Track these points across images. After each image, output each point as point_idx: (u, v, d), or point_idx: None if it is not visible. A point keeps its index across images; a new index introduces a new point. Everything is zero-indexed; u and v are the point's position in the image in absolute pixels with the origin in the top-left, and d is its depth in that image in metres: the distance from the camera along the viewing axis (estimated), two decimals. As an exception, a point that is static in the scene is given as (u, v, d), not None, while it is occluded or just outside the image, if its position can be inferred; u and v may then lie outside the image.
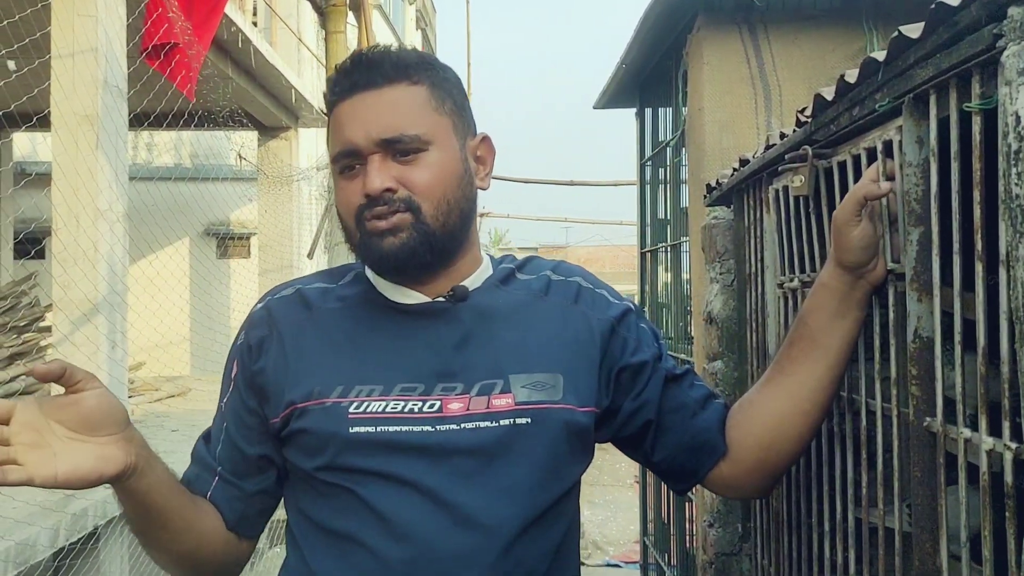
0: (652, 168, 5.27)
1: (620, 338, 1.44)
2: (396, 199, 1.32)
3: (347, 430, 1.31)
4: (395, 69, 1.35)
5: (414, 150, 1.33)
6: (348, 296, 1.43)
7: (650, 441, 1.48)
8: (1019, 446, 1.11)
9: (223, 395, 1.46)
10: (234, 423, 1.43)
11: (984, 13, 1.11)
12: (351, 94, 1.35)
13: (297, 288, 1.46)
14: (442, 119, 1.36)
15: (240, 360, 1.43)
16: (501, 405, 1.33)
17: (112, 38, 5.24)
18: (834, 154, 1.69)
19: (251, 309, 1.49)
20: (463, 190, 1.37)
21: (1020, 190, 1.02)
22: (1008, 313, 1.10)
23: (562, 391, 1.36)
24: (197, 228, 12.47)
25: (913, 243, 1.37)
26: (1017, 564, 1.10)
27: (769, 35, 3.50)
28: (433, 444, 1.31)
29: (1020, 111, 1.02)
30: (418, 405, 1.32)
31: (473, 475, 1.31)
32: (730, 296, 2.78)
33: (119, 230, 5.33)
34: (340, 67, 1.39)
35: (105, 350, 5.16)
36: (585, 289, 1.47)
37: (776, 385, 1.49)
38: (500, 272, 1.46)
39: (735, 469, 1.48)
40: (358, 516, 1.32)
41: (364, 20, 7.07)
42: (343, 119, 1.35)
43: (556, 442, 1.35)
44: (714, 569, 2.81)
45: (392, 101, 1.34)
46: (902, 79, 1.37)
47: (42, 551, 4.08)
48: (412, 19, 22.20)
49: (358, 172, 1.34)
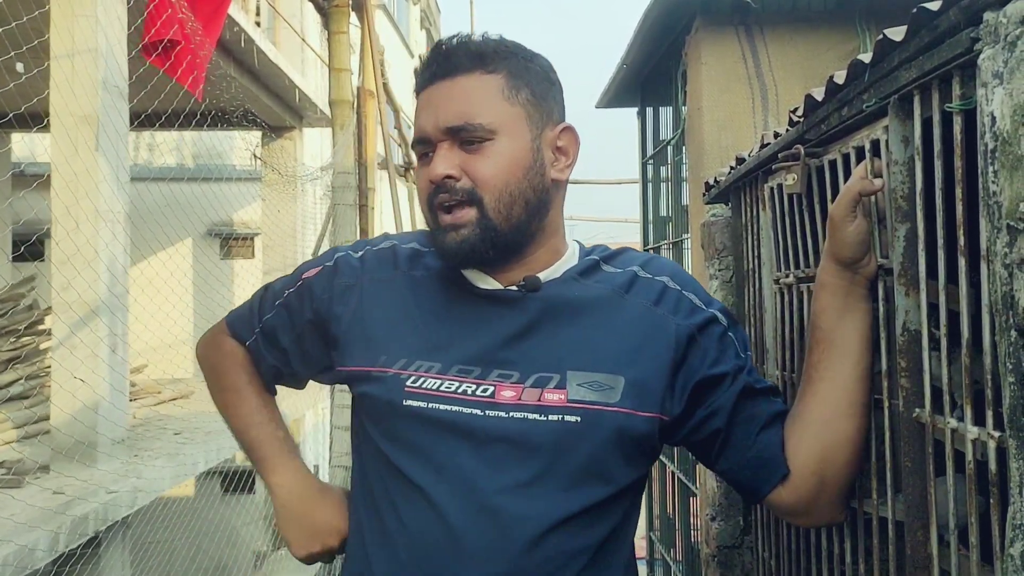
0: (654, 166, 5.30)
1: (700, 348, 1.40)
2: (459, 188, 1.33)
3: (401, 402, 1.34)
4: (470, 58, 1.36)
5: (479, 139, 1.33)
6: (433, 267, 1.45)
7: (716, 451, 1.45)
8: (1001, 435, 1.12)
9: (287, 287, 1.55)
10: (284, 316, 1.54)
11: (962, 18, 1.13)
12: (429, 83, 1.38)
13: (393, 244, 1.51)
14: (513, 108, 1.36)
15: (320, 290, 1.50)
16: (553, 400, 1.32)
17: (112, 38, 5.18)
18: (825, 153, 1.72)
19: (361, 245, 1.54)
20: (530, 180, 1.36)
21: (997, 187, 1.05)
22: (989, 306, 1.12)
23: (620, 394, 1.33)
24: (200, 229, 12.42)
25: (900, 239, 1.40)
26: (1001, 548, 1.13)
27: (765, 36, 3.53)
28: (478, 428, 1.31)
29: (995, 112, 1.05)
30: (471, 388, 1.33)
31: (511, 465, 1.30)
32: (729, 292, 2.81)
33: (119, 231, 5.29)
34: (423, 58, 1.41)
35: (105, 353, 5.11)
36: (671, 291, 1.43)
37: (811, 395, 1.45)
38: (584, 263, 1.45)
39: (798, 491, 1.43)
40: (399, 486, 1.36)
41: (366, 21, 7.08)
42: (419, 107, 1.39)
43: (605, 445, 1.33)
44: (717, 562, 2.84)
45: (462, 90, 1.35)
46: (887, 80, 1.39)
47: (42, 557, 4.01)
48: (416, 19, 22.16)
49: (430, 159, 1.36)
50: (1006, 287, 1.06)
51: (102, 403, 5.12)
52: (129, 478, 5.00)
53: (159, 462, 5.50)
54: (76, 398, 4.98)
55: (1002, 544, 1.12)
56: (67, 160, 4.95)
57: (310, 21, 11.19)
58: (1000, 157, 1.05)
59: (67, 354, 5.02)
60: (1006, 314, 1.06)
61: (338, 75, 6.80)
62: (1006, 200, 1.04)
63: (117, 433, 5.29)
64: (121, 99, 5.36)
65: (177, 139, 12.96)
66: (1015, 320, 1.04)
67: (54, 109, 4.97)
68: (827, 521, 1.52)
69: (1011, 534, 1.06)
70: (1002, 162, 1.05)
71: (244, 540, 8.57)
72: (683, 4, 3.66)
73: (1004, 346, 1.07)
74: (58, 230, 4.96)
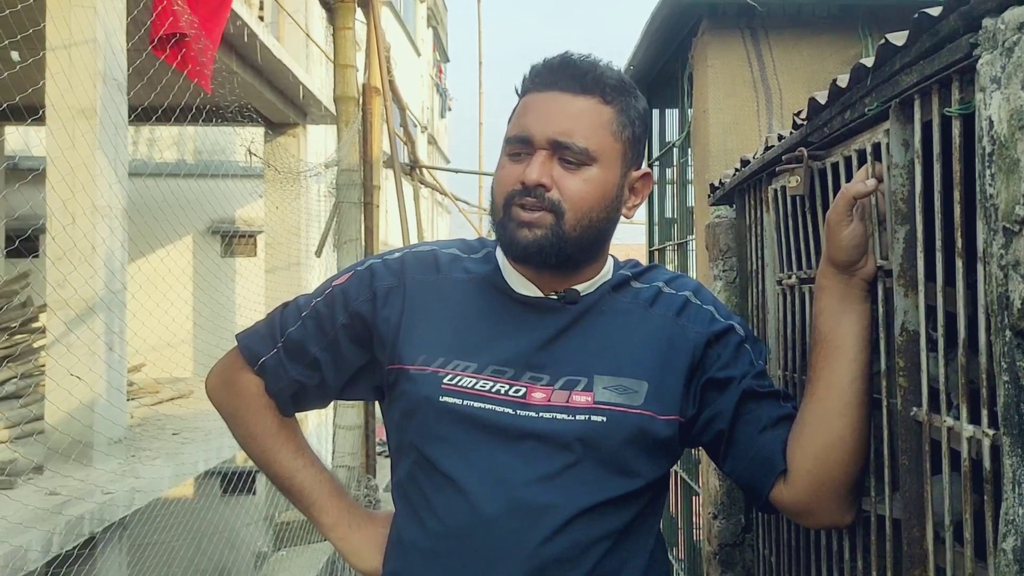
0: (660, 168, 5.31)
1: (715, 353, 1.48)
2: (547, 197, 1.39)
3: (438, 398, 1.41)
4: (595, 83, 1.42)
5: (579, 161, 1.40)
6: (473, 271, 1.52)
7: (723, 452, 1.51)
8: (996, 433, 1.14)
9: (312, 299, 1.58)
10: (312, 326, 1.56)
11: (962, 23, 1.16)
12: (547, 89, 1.42)
13: (433, 248, 1.56)
14: (616, 144, 1.43)
15: (356, 292, 1.53)
16: (581, 402, 1.40)
17: (111, 31, 5.13)
18: (828, 155, 1.73)
19: (391, 252, 1.59)
20: (607, 212, 1.44)
21: (993, 190, 1.07)
22: (985, 307, 1.14)
23: (644, 398, 1.42)
24: (201, 225, 12.38)
25: (899, 240, 1.42)
26: (994, 544, 1.15)
27: (770, 40, 3.55)
28: (509, 426, 1.39)
29: (993, 116, 1.07)
30: (505, 388, 1.41)
31: (540, 459, 1.38)
32: (732, 293, 2.83)
33: (118, 227, 5.26)
34: (547, 60, 1.46)
35: (102, 351, 5.09)
36: (692, 304, 1.52)
37: (809, 395, 1.50)
38: (617, 278, 1.53)
39: (795, 489, 1.47)
40: (432, 478, 1.43)
41: (373, 17, 7.07)
42: (530, 107, 1.43)
43: (628, 444, 1.41)
44: (718, 560, 2.86)
45: (579, 110, 1.40)
46: (889, 84, 1.42)
47: (35, 559, 3.99)
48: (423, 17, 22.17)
49: (523, 159, 1.41)
50: (1001, 288, 1.07)
51: (99, 402, 5.07)
52: (127, 478, 4.96)
53: (158, 462, 5.47)
54: (72, 396, 4.93)
55: (995, 540, 1.13)
56: (64, 153, 4.90)
57: (315, 16, 11.17)
58: (997, 160, 1.07)
59: (63, 351, 4.99)
60: (1001, 315, 1.08)
61: (343, 71, 6.80)
62: (1002, 203, 1.06)
63: (115, 432, 5.25)
64: (119, 92, 5.29)
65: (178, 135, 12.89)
66: (1010, 320, 1.06)
67: (51, 102, 4.92)
68: (831, 522, 1.53)
69: (1004, 529, 1.07)
70: (999, 165, 1.06)
71: (244, 541, 8.55)
72: (690, 7, 3.67)
73: (999, 346, 1.09)
74: (54, 225, 4.91)
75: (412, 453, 1.46)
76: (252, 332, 1.65)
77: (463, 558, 1.38)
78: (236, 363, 1.65)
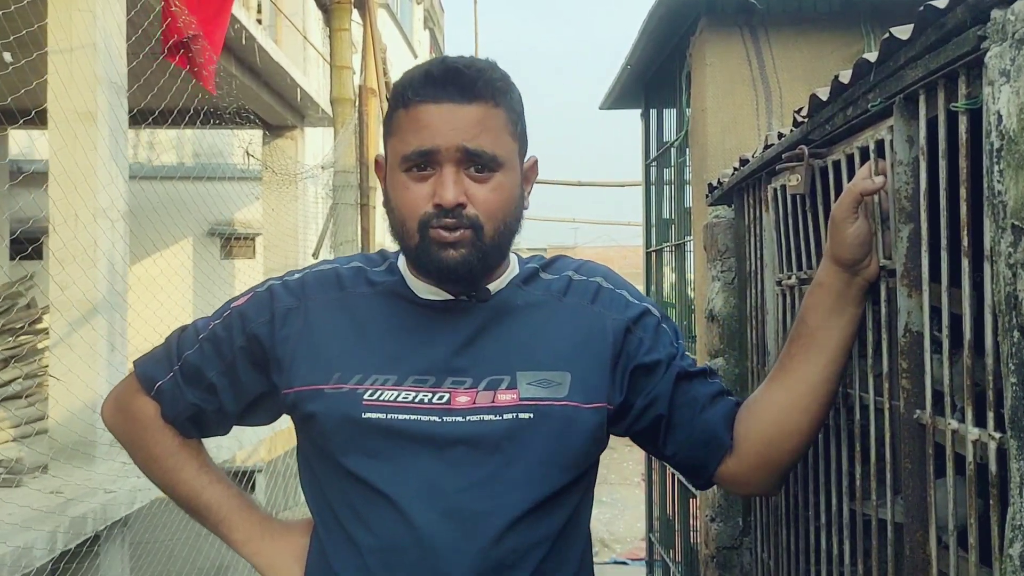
0: (657, 168, 5.30)
1: (636, 338, 1.47)
2: (465, 216, 1.36)
3: (360, 415, 1.38)
4: (486, 88, 1.38)
5: (489, 169, 1.37)
6: (378, 283, 1.49)
7: (662, 436, 1.51)
8: (1002, 436, 1.13)
9: (210, 322, 1.54)
10: (210, 349, 1.52)
11: (969, 15, 1.14)
12: (438, 101, 1.37)
13: (335, 266, 1.53)
14: (513, 143, 1.42)
15: (255, 314, 1.50)
16: (506, 400, 1.38)
17: (111, 34, 5.14)
18: (829, 153, 1.72)
19: (292, 273, 1.55)
20: (517, 213, 1.44)
21: (1002, 187, 1.05)
22: (992, 307, 1.13)
23: (568, 389, 1.41)
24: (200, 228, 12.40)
25: (903, 240, 1.40)
26: (1000, 550, 1.13)
27: (770, 38, 3.53)
28: (438, 434, 1.36)
29: (1002, 110, 1.05)
30: (428, 396, 1.38)
31: (472, 466, 1.36)
32: (731, 294, 2.81)
33: (119, 228, 5.24)
34: (427, 70, 1.41)
35: (104, 352, 5.07)
36: (605, 289, 1.51)
37: (778, 382, 1.51)
38: (524, 272, 1.51)
39: (740, 465, 1.49)
40: (362, 495, 1.39)
41: (369, 18, 7.08)
42: (424, 120, 1.37)
43: (558, 437, 1.39)
44: (716, 563, 2.85)
45: (477, 118, 1.37)
46: (893, 80, 1.40)
47: (40, 557, 3.97)
48: (420, 19, 22.20)
49: (428, 175, 1.37)
50: (1010, 287, 1.06)
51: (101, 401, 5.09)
52: (128, 478, 4.96)
53: (158, 462, 5.48)
54: (75, 396, 4.96)
55: (1001, 545, 1.12)
56: (65, 157, 4.91)
57: (312, 19, 11.19)
58: (1006, 156, 1.05)
59: (66, 352, 4.97)
60: (1009, 314, 1.06)
61: (340, 72, 6.82)
62: (1011, 199, 1.04)
63: (116, 433, 5.27)
64: (121, 95, 5.33)
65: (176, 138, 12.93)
66: (1018, 320, 1.04)
67: (52, 104, 4.93)
68: (764, 493, 1.73)
69: (1011, 534, 1.06)
70: (1008, 161, 1.05)
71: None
72: (688, 5, 3.66)
73: (1007, 347, 1.07)
74: (57, 227, 4.93)
75: (337, 471, 1.42)
76: (149, 357, 1.62)
77: (401, 573, 1.36)
78: (131, 388, 1.62)
